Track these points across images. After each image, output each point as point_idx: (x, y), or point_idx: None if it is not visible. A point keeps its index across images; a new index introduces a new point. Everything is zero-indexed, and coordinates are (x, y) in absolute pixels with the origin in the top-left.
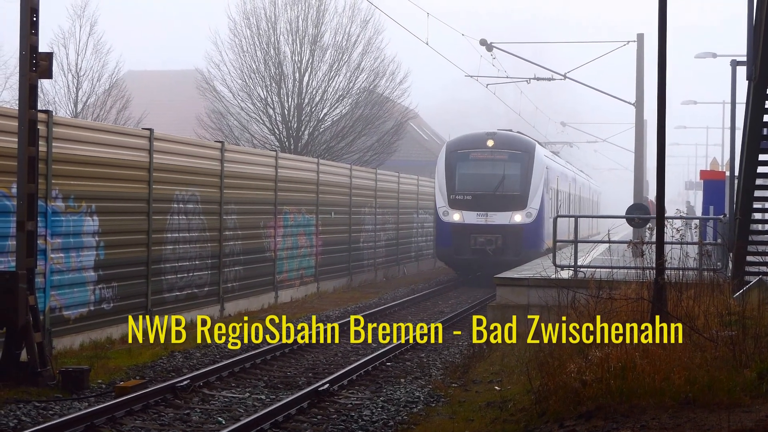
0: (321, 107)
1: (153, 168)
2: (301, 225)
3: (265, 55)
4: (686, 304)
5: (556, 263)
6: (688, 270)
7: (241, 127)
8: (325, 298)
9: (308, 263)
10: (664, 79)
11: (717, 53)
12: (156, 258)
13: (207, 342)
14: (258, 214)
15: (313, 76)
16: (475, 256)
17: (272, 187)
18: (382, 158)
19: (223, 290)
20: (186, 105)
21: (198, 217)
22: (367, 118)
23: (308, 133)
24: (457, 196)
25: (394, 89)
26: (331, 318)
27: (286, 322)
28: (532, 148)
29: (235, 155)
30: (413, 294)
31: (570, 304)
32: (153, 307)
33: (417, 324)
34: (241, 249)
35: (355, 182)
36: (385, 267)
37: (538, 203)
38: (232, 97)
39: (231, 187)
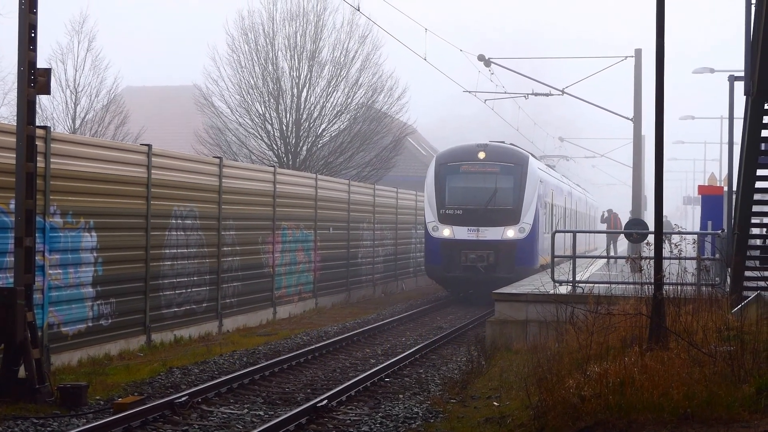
0: (319, 123)
1: (151, 183)
2: (300, 240)
3: (263, 71)
4: (685, 320)
5: (555, 278)
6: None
7: (240, 142)
8: (323, 314)
9: (306, 279)
10: (662, 94)
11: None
12: (154, 274)
13: (205, 358)
14: (256, 230)
15: (311, 92)
16: (466, 273)
17: (270, 203)
18: (380, 174)
19: (221, 306)
20: (184, 121)
21: (196, 233)
22: (365, 134)
23: (306, 148)
24: (447, 211)
25: (392, 105)
26: (330, 334)
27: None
28: (525, 161)
29: (234, 171)
30: (412, 309)
31: (568, 319)
32: (151, 323)
33: (415, 339)
34: (240, 265)
35: (354, 198)
36: (384, 282)
37: (532, 218)
38: (230, 112)
39: (229, 203)
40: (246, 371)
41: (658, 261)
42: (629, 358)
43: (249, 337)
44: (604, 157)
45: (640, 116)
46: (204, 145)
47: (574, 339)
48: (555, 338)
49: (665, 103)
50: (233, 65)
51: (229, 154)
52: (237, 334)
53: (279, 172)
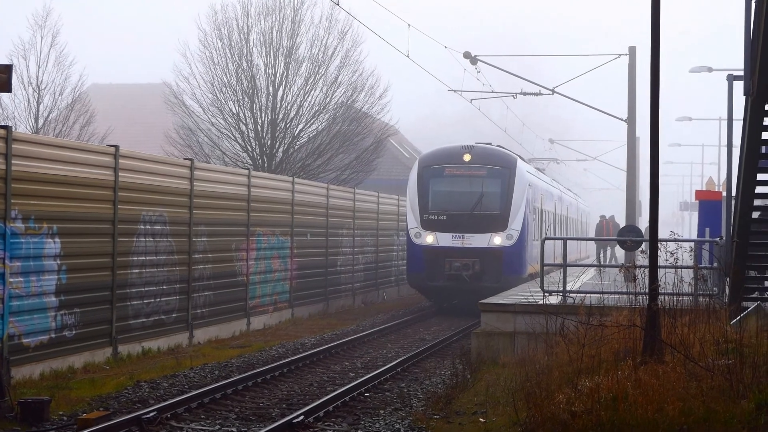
0: (296, 123)
1: (118, 187)
2: (275, 247)
3: (237, 68)
4: (681, 332)
5: (544, 288)
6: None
7: (212, 144)
8: (300, 325)
9: (282, 288)
10: (658, 94)
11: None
12: (121, 282)
13: (175, 371)
14: (229, 236)
15: (287, 91)
16: (451, 282)
17: (245, 208)
18: (361, 177)
19: (192, 317)
20: (154, 120)
21: (166, 239)
22: (345, 135)
23: (283, 150)
24: (431, 216)
25: (374, 104)
26: (307, 346)
27: (258, 351)
28: (513, 164)
29: (206, 174)
30: (393, 321)
31: (559, 331)
32: (118, 334)
33: (397, 351)
34: (212, 273)
35: (332, 202)
36: (364, 292)
37: (520, 224)
38: (203, 112)
39: (201, 208)
40: (218, 385)
41: (653, 270)
42: (622, 371)
43: (221, 349)
44: (596, 161)
45: (634, 117)
46: (174, 147)
47: (565, 352)
48: (544, 351)
49: (661, 103)
50: (205, 62)
51: (201, 156)
52: (209, 346)
53: (254, 175)
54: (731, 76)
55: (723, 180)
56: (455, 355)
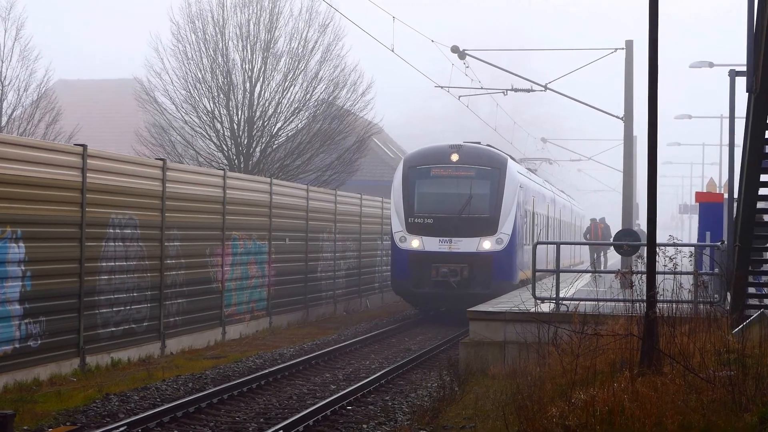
0: (274, 121)
1: (86, 189)
2: (252, 252)
3: (212, 63)
4: (680, 341)
5: (536, 295)
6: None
7: (185, 143)
8: (278, 335)
9: (260, 295)
10: (656, 91)
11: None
12: (89, 289)
13: (146, 383)
14: (204, 240)
15: (265, 87)
16: (437, 289)
17: (220, 210)
18: (343, 178)
19: (164, 326)
20: (124, 118)
21: (136, 244)
22: (326, 134)
23: (260, 149)
24: (417, 220)
25: (356, 101)
26: (285, 356)
27: (234, 362)
28: (504, 164)
29: (179, 174)
30: (377, 329)
31: (551, 340)
32: (86, 344)
33: (381, 362)
34: (185, 279)
35: (313, 205)
36: (346, 299)
37: (511, 228)
38: (175, 109)
39: (174, 210)
40: (192, 398)
41: (651, 276)
42: (619, 383)
43: (195, 360)
44: (591, 161)
45: (631, 115)
46: (146, 146)
47: (558, 362)
48: (536, 362)
49: (660, 100)
50: (178, 56)
51: (174, 156)
52: (182, 357)
53: (229, 176)
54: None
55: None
56: (442, 366)
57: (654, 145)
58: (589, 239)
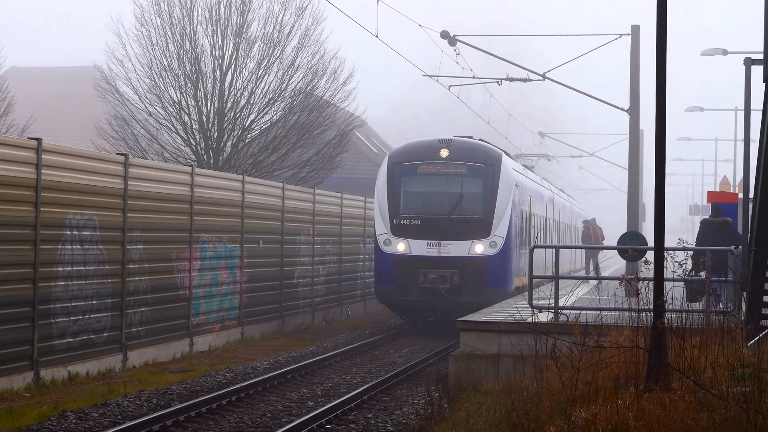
0: (247, 113)
1: (41, 186)
2: (222, 257)
3: (178, 49)
4: (690, 354)
5: (533, 303)
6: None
7: (150, 136)
8: (251, 346)
9: (230, 303)
10: (664, 80)
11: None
12: (44, 297)
13: (106, 399)
14: (169, 243)
15: (237, 75)
16: (425, 296)
17: (187, 210)
18: (322, 175)
19: (126, 336)
20: (82, 109)
21: (96, 247)
22: (304, 127)
23: (231, 144)
24: (402, 221)
25: (337, 91)
26: (259, 370)
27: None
28: (498, 160)
29: (142, 171)
30: (359, 341)
31: (550, 353)
32: (40, 356)
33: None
34: (149, 286)
35: (289, 204)
36: (325, 308)
37: (505, 230)
38: (139, 99)
39: (136, 210)
40: (156, 416)
41: (658, 283)
42: (623, 400)
43: (160, 373)
44: (593, 157)
45: (637, 107)
46: (106, 140)
47: (557, 377)
48: (533, 376)
49: (669, 90)
50: (142, 42)
51: (137, 151)
52: (145, 371)
53: (198, 173)
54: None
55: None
56: (430, 380)
57: (662, 140)
58: (586, 243)
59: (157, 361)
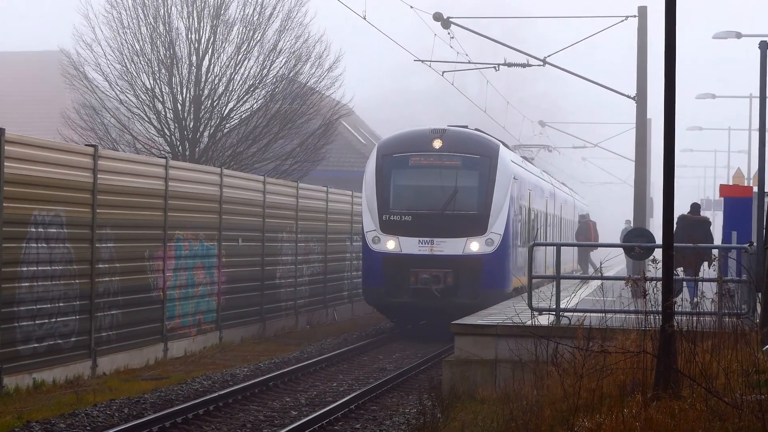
0: (225, 101)
1: (4, 181)
2: (199, 255)
3: (152, 33)
4: (702, 359)
5: (533, 305)
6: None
7: (121, 126)
8: (229, 352)
9: (208, 306)
10: (674, 66)
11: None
12: (7, 299)
13: (75, 409)
14: (142, 241)
15: (215, 60)
16: (417, 298)
17: (161, 206)
18: (306, 168)
19: (95, 341)
20: (48, 97)
21: (63, 245)
22: (286, 116)
23: (208, 134)
24: (392, 217)
25: (322, 77)
26: (238, 378)
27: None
28: (495, 151)
29: (113, 164)
30: (346, 346)
31: (551, 358)
32: (3, 363)
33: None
34: (120, 287)
35: (270, 199)
36: (310, 311)
37: (503, 226)
38: (109, 87)
39: (107, 206)
40: (127, 426)
41: (667, 283)
42: (629, 409)
43: (132, 381)
44: (597, 148)
45: (645, 94)
46: (74, 130)
47: (558, 384)
48: (533, 383)
49: (678, 77)
50: (112, 25)
51: (107, 142)
52: (116, 378)
53: (172, 166)
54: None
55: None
56: (422, 388)
57: (671, 130)
58: (580, 240)
59: (128, 368)
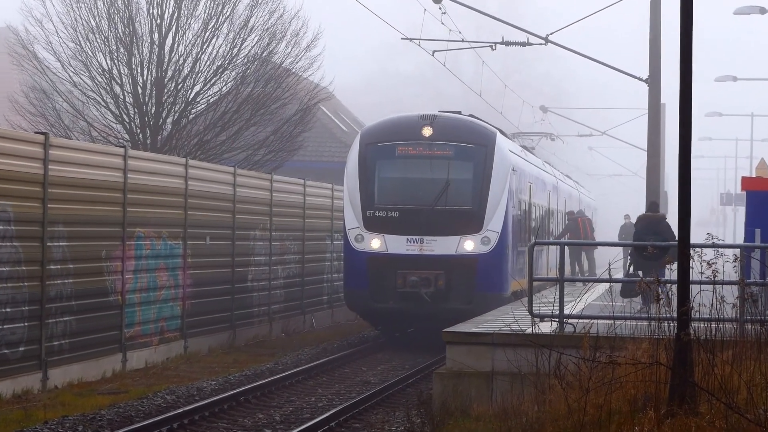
0: (191, 83)
1: None
2: (162, 255)
3: (109, 8)
4: (722, 372)
5: (534, 311)
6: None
7: (74, 111)
8: (196, 363)
9: (172, 311)
10: (690, 45)
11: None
12: None
13: (23, 426)
14: (99, 239)
15: (179, 39)
16: (404, 303)
17: (120, 200)
18: (281, 158)
19: (46, 351)
20: None
21: (10, 244)
22: (259, 100)
23: (172, 121)
24: (378, 213)
25: (299, 57)
26: (206, 392)
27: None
28: (492, 140)
29: (65, 153)
30: (325, 356)
31: (553, 370)
32: None
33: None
34: (74, 290)
35: (242, 193)
36: (285, 317)
37: (500, 223)
38: (62, 67)
39: (59, 200)
40: None
41: (683, 287)
42: (641, 427)
43: (87, 396)
44: (605, 136)
45: (658, 76)
46: (22, 116)
47: (562, 399)
48: (534, 398)
49: (696, 57)
50: None
51: (59, 129)
52: (70, 392)
53: (132, 156)
54: None
55: None
56: (411, 404)
57: (688, 116)
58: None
59: (83, 381)
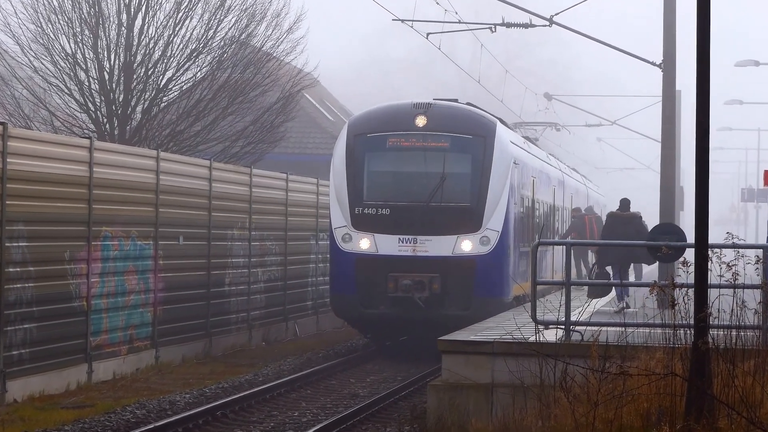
0: (163, 68)
1: None
2: (131, 257)
3: None
4: (742, 383)
5: (537, 318)
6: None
7: (35, 99)
8: (168, 374)
9: (142, 318)
10: (708, 26)
11: None
12: None
13: None
14: (62, 240)
15: (150, 20)
16: (396, 309)
17: (85, 197)
18: (262, 150)
19: (4, 361)
20: None
21: None
22: (237, 87)
23: (142, 109)
24: (367, 210)
25: (280, 41)
26: (179, 406)
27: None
28: (491, 130)
29: (25, 145)
30: (310, 367)
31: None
32: None
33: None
34: (35, 295)
35: (218, 188)
36: (266, 324)
37: (501, 222)
38: (21, 51)
39: (18, 196)
40: None
41: (701, 291)
42: None
43: (50, 410)
44: (616, 126)
45: (673, 61)
46: None
47: (568, 414)
48: (538, 412)
49: (713, 40)
50: None
51: (19, 119)
52: (30, 406)
53: (98, 148)
54: None
55: None
56: (403, 419)
57: (705, 104)
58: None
59: (45, 394)
